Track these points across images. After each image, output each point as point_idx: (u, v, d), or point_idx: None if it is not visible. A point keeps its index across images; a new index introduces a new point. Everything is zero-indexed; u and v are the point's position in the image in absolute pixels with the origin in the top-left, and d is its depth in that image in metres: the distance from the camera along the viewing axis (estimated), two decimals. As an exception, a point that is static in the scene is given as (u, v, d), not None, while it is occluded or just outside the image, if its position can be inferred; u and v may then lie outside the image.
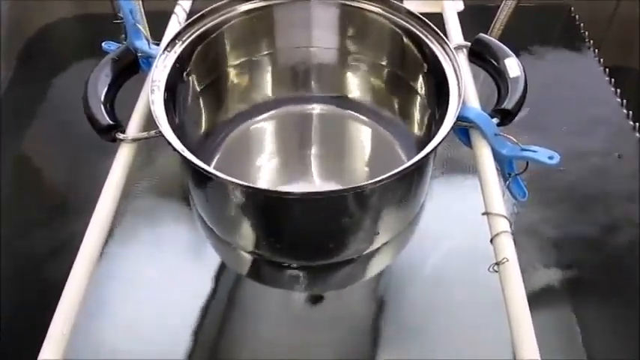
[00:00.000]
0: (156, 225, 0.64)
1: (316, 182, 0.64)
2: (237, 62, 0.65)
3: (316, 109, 0.70)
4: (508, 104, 0.52)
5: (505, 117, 0.52)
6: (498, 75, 0.55)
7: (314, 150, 0.66)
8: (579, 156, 0.71)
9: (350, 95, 0.69)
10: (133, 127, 0.53)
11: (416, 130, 0.64)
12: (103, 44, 0.61)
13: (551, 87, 0.78)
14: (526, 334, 0.41)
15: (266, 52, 0.66)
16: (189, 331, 0.55)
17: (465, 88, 0.54)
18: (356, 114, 0.69)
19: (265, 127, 0.68)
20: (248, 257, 0.59)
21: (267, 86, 0.69)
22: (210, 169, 0.47)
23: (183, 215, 0.64)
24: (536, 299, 0.54)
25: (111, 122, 0.52)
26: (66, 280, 0.44)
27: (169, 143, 0.49)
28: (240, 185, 0.46)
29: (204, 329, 0.55)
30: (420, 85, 0.62)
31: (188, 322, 0.55)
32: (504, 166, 0.53)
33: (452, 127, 0.49)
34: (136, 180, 0.65)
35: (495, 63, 0.56)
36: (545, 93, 0.75)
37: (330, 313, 0.57)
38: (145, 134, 0.53)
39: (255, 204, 0.51)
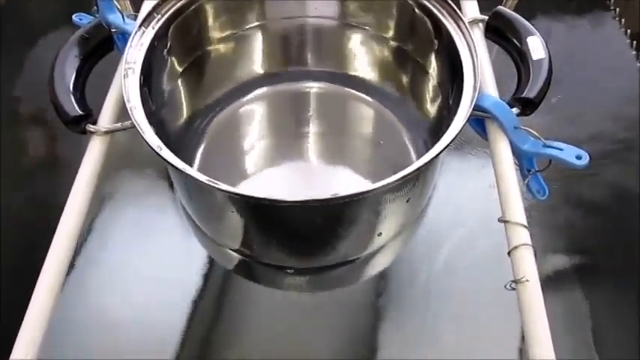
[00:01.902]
0: (139, 215, 0.58)
1: (314, 171, 0.58)
2: (223, 36, 0.58)
3: (313, 87, 0.63)
4: (530, 92, 0.46)
5: (526, 106, 0.46)
6: (519, 56, 0.49)
7: (311, 134, 0.60)
8: (597, 130, 0.65)
9: (351, 72, 0.62)
10: (106, 117, 0.48)
11: (425, 113, 0.57)
12: (73, 17, 0.55)
13: (572, 56, 0.72)
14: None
15: (255, 24, 0.59)
16: (174, 328, 0.51)
17: (482, 73, 0.47)
18: (358, 93, 0.62)
19: (256, 108, 0.62)
20: (238, 257, 0.53)
21: (257, 62, 0.62)
22: (191, 170, 0.41)
23: (169, 206, 0.59)
24: (546, 284, 0.49)
25: (80, 112, 0.46)
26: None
27: (145, 140, 0.43)
28: (226, 192, 0.40)
29: (190, 326, 0.51)
30: (430, 63, 0.55)
31: (173, 319, 0.51)
32: (523, 161, 0.47)
33: (465, 122, 0.43)
34: (116, 164, 0.59)
35: (516, 42, 0.49)
36: (565, 62, 0.67)
37: (326, 314, 0.52)
38: (118, 125, 0.47)
39: (244, 208, 0.45)
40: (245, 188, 0.56)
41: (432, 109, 0.56)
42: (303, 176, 0.58)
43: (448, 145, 0.42)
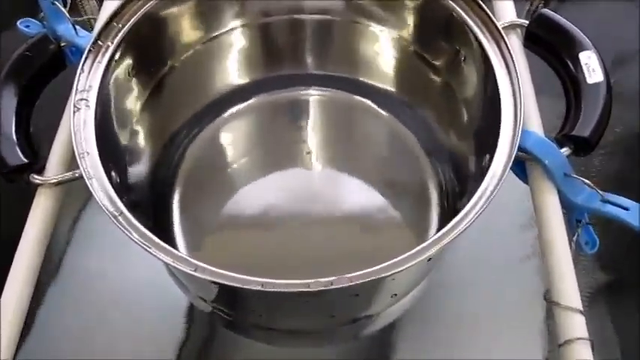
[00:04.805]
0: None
1: (315, 198, 0.49)
2: (198, 41, 0.48)
3: (313, 94, 0.53)
4: (583, 128, 0.37)
5: (580, 147, 0.37)
6: (569, 77, 0.39)
7: (312, 153, 0.51)
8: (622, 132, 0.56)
9: (361, 77, 0.52)
10: (56, 163, 0.39)
11: (447, 136, 0.48)
12: (18, 23, 0.44)
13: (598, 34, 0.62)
14: None
15: (236, 24, 0.49)
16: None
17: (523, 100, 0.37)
18: (369, 102, 0.52)
19: (244, 123, 0.52)
20: (226, 317, 0.45)
21: (243, 69, 0.52)
22: (157, 250, 0.33)
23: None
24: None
25: (23, 160, 0.37)
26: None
27: (101, 205, 0.34)
28: (204, 278, 0.32)
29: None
30: (456, 78, 0.45)
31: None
32: (572, 212, 0.38)
33: (502, 181, 0.34)
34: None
35: (566, 58, 0.39)
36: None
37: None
38: (69, 174, 0.37)
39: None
40: (236, 215, 0.48)
41: (456, 133, 0.46)
42: (303, 202, 0.48)
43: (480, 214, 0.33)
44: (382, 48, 0.50)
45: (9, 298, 0.34)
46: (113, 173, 0.38)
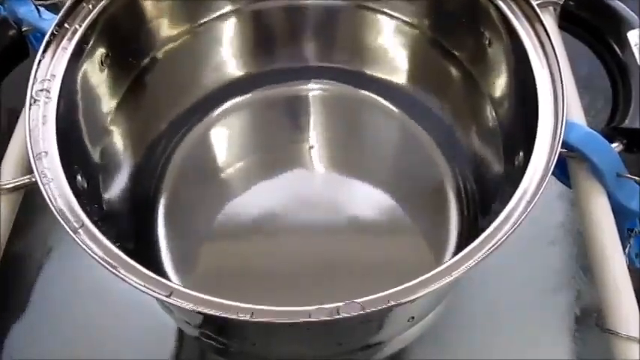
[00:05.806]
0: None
1: (318, 204, 0.43)
2: (185, 29, 0.43)
3: (314, 88, 0.48)
4: (637, 119, 0.31)
5: (635, 141, 0.31)
6: (615, 60, 0.34)
7: (314, 155, 0.46)
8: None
9: (368, 70, 0.47)
10: (12, 165, 0.33)
11: (468, 133, 0.42)
12: (-24, 9, 0.39)
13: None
14: None
15: (227, 9, 0.44)
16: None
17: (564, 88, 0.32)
18: (377, 97, 0.47)
19: (237, 121, 0.47)
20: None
21: (235, 61, 0.47)
22: (131, 274, 0.27)
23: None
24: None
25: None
26: None
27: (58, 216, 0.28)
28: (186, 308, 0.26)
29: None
30: (479, 67, 0.39)
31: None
32: (624, 220, 0.32)
33: (544, 181, 0.28)
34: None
35: (610, 38, 0.34)
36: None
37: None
38: (27, 179, 0.32)
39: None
40: (230, 226, 0.43)
41: (478, 129, 0.41)
42: (304, 209, 0.44)
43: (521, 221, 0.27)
44: (392, 35, 0.45)
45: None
46: (79, 178, 0.33)
